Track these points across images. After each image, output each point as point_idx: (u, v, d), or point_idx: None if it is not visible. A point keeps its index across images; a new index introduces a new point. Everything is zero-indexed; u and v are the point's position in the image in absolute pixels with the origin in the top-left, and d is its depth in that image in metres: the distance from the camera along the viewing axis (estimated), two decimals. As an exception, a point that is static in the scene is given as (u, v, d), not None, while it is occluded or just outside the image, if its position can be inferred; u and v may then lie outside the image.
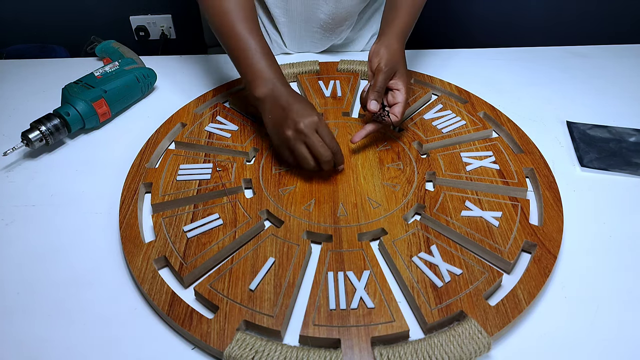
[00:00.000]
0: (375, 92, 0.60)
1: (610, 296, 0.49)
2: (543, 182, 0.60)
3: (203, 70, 0.84)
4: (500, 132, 0.69)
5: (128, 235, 0.53)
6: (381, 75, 0.60)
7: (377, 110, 0.60)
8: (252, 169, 0.62)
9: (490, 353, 0.44)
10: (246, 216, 0.55)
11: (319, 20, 0.83)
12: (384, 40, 0.63)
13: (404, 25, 0.65)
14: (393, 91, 0.63)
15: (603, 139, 0.68)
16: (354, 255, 0.51)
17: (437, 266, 0.49)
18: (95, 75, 0.73)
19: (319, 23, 0.83)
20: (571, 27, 1.51)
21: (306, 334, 0.44)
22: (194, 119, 0.70)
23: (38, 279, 0.50)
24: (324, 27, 0.84)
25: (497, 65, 0.86)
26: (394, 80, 0.62)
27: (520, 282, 0.48)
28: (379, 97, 0.61)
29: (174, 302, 0.47)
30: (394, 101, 0.62)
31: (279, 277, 0.49)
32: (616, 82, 0.82)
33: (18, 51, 1.42)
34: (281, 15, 0.83)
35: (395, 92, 0.62)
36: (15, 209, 0.58)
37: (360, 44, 0.92)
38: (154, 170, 0.61)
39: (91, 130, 0.71)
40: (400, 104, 0.61)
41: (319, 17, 0.82)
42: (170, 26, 1.64)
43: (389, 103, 0.63)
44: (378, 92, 0.60)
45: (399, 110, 0.61)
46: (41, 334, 0.46)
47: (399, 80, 0.62)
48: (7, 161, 0.65)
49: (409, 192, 0.58)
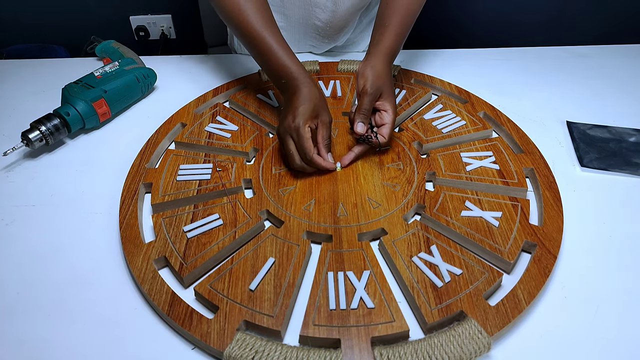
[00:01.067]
0: (361, 115, 0.61)
1: (610, 296, 0.49)
2: (543, 182, 0.60)
3: (203, 70, 0.84)
4: (500, 132, 0.69)
5: (128, 235, 0.53)
6: (367, 97, 0.61)
7: (364, 133, 0.61)
8: (252, 169, 0.62)
9: (490, 353, 0.44)
10: (246, 216, 0.55)
11: (316, 27, 0.83)
12: (369, 61, 0.63)
13: (391, 45, 0.65)
14: (381, 112, 0.63)
15: (603, 139, 0.68)
16: (354, 255, 0.51)
17: (437, 266, 0.49)
18: (95, 75, 0.73)
19: (316, 29, 0.84)
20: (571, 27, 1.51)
21: (306, 334, 0.44)
22: (194, 119, 0.70)
23: (38, 279, 0.50)
24: (321, 34, 0.84)
25: (497, 65, 0.86)
26: (381, 101, 0.62)
27: (520, 282, 0.48)
28: (365, 119, 0.61)
29: (174, 302, 0.47)
30: (382, 122, 0.62)
31: (279, 277, 0.49)
32: (616, 82, 0.82)
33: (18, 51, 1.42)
34: (280, 19, 0.84)
35: (382, 113, 0.62)
36: (15, 209, 0.58)
37: (361, 45, 0.93)
38: (154, 170, 0.61)
39: (91, 130, 0.71)
40: (387, 125, 0.61)
41: (315, 24, 0.83)
42: (170, 26, 1.64)
43: (376, 123, 0.63)
44: (364, 114, 0.61)
45: (387, 132, 0.61)
46: (41, 334, 0.46)
47: (386, 102, 0.62)
48: (7, 161, 0.65)
49: (409, 192, 0.58)
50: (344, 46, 0.92)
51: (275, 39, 0.63)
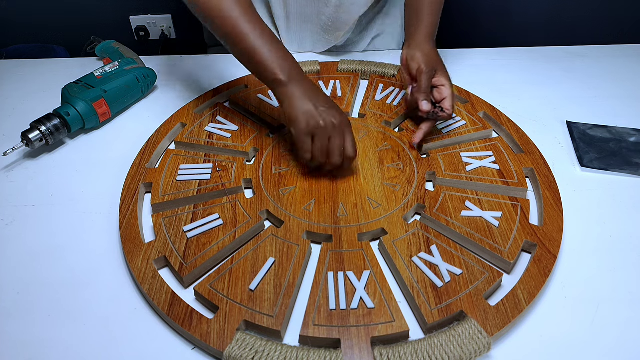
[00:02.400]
0: (423, 94, 0.64)
1: (610, 296, 0.49)
2: (543, 182, 0.60)
3: (203, 70, 0.84)
4: (500, 132, 0.69)
5: (128, 235, 0.53)
6: (424, 76, 0.64)
7: (430, 110, 0.63)
8: (252, 169, 0.62)
9: (490, 353, 0.44)
10: (246, 216, 0.55)
11: (320, 22, 0.83)
12: (415, 45, 0.67)
13: (431, 27, 0.69)
14: (438, 87, 0.66)
15: (603, 139, 0.68)
16: (354, 255, 0.51)
17: (437, 266, 0.49)
18: (95, 75, 0.73)
19: (320, 25, 0.84)
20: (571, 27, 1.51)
21: (306, 334, 0.44)
22: (194, 119, 0.70)
23: (38, 279, 0.50)
24: (325, 30, 0.84)
25: (497, 65, 0.86)
26: (436, 78, 0.66)
27: (520, 282, 0.48)
28: (428, 97, 0.64)
29: (174, 302, 0.47)
30: (442, 97, 0.65)
31: (279, 277, 0.49)
32: (616, 82, 0.82)
33: (18, 51, 1.42)
34: (281, 16, 0.83)
35: (440, 88, 0.66)
36: (15, 209, 0.58)
37: (361, 45, 0.93)
38: (154, 170, 0.61)
39: (91, 130, 0.71)
40: (448, 97, 0.64)
41: (320, 20, 0.83)
42: (170, 26, 1.64)
43: (436, 100, 0.66)
44: (425, 92, 0.64)
45: (449, 104, 0.64)
46: (41, 334, 0.46)
47: (441, 77, 0.65)
48: (7, 161, 0.65)
49: (409, 192, 0.58)
50: (344, 46, 0.92)
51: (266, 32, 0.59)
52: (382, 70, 0.80)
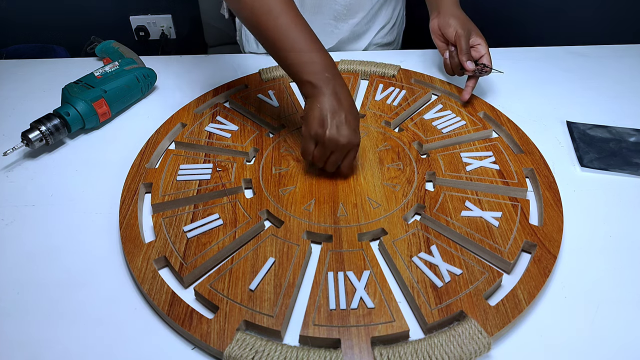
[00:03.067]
0: (465, 54, 0.71)
1: (610, 296, 0.49)
2: (543, 182, 0.60)
3: (203, 70, 0.84)
4: (500, 132, 0.69)
5: (128, 235, 0.53)
6: (463, 38, 0.71)
7: (475, 68, 0.71)
8: (252, 169, 0.62)
9: (490, 353, 0.44)
10: (246, 216, 0.55)
11: (333, 11, 0.86)
12: (445, 13, 0.74)
13: None
14: (475, 47, 0.73)
15: (603, 139, 0.68)
16: (354, 255, 0.51)
17: (437, 266, 0.49)
18: (95, 75, 0.73)
19: (332, 15, 0.86)
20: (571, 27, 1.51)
21: (306, 334, 0.44)
22: (194, 119, 0.70)
23: (38, 279, 0.50)
24: (336, 18, 0.87)
25: (497, 65, 0.86)
26: (472, 38, 0.72)
27: (520, 282, 0.48)
28: (470, 57, 0.71)
29: (174, 302, 0.47)
30: (479, 54, 0.72)
31: (279, 277, 0.49)
32: (616, 82, 0.82)
33: (18, 51, 1.42)
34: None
35: (477, 47, 0.72)
36: (15, 209, 0.58)
37: (362, 43, 0.93)
38: (154, 170, 0.61)
39: (91, 130, 0.71)
40: (485, 55, 0.72)
41: (333, 7, 0.86)
42: (170, 26, 1.64)
43: (475, 58, 0.72)
44: (467, 53, 0.71)
45: (487, 60, 0.72)
46: (41, 334, 0.46)
47: (476, 37, 0.72)
48: (7, 161, 0.65)
49: (409, 192, 0.58)
50: (348, 41, 0.92)
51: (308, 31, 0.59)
52: (382, 70, 0.80)
